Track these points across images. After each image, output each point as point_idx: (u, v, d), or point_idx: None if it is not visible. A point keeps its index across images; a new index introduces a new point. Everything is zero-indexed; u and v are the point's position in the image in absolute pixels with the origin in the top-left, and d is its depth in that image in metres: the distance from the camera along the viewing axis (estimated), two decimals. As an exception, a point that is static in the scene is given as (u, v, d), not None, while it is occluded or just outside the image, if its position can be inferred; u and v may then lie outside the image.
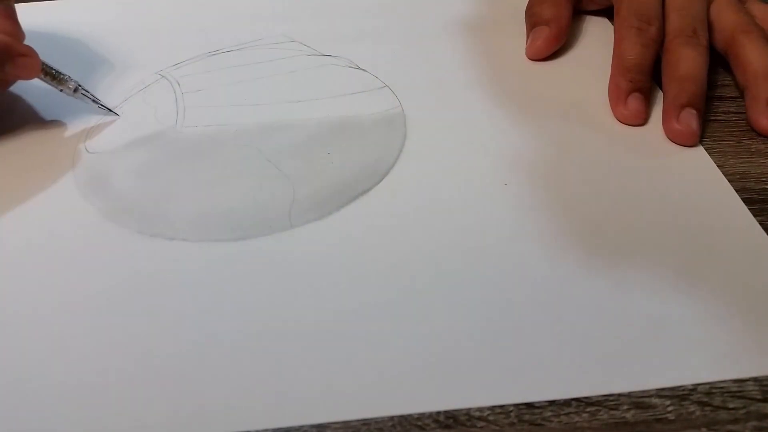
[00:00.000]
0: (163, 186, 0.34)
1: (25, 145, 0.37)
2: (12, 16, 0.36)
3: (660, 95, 0.39)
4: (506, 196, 0.33)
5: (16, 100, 0.40)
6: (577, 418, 0.25)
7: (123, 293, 0.29)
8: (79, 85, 0.38)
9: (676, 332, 0.28)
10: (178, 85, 0.41)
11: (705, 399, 0.25)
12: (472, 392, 0.26)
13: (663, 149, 0.36)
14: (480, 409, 0.25)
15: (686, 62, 0.38)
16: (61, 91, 0.37)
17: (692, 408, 0.25)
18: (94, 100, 0.38)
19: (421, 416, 0.25)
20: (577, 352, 0.27)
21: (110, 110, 0.38)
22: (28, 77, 0.36)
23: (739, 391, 0.26)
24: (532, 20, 0.43)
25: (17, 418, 0.25)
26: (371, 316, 0.28)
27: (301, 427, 0.25)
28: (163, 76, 0.41)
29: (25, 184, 0.34)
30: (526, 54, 0.43)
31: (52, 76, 0.37)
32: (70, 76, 0.37)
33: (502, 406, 0.25)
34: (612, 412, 0.25)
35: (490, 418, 0.25)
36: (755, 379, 0.26)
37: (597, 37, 0.45)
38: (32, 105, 0.39)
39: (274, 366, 0.27)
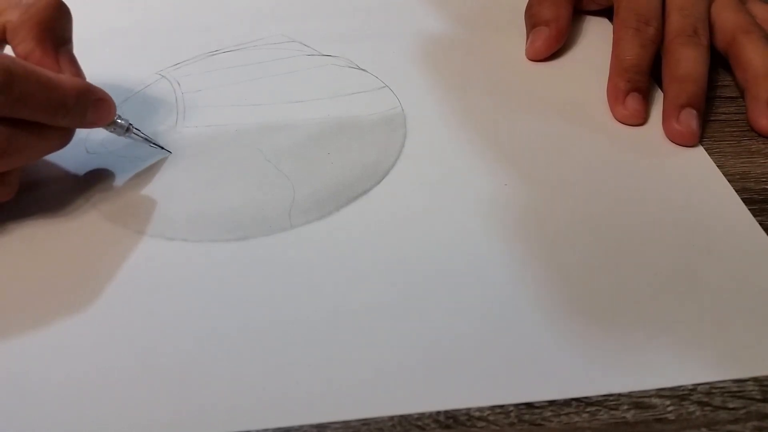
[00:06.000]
0: (163, 186, 0.34)
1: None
2: (76, 61, 0.33)
3: (660, 95, 0.39)
4: (506, 196, 0.33)
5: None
6: (577, 418, 0.25)
7: (123, 293, 0.29)
8: (131, 125, 0.35)
9: (676, 332, 0.28)
10: (178, 85, 0.41)
11: (705, 399, 0.25)
12: (472, 392, 0.26)
13: (663, 149, 0.36)
14: (480, 409, 0.25)
15: (687, 62, 0.38)
16: (112, 131, 0.35)
17: (692, 408, 0.25)
18: (145, 139, 0.36)
19: (421, 416, 0.25)
20: (577, 352, 0.27)
21: (162, 148, 0.36)
22: (104, 123, 0.33)
23: (739, 391, 0.26)
24: (532, 20, 0.43)
25: (17, 418, 0.25)
26: (371, 316, 0.28)
27: (301, 427, 0.25)
28: (163, 76, 0.41)
29: (26, 185, 0.34)
30: (526, 55, 0.43)
31: None
32: (120, 115, 0.34)
33: (502, 406, 0.25)
34: (612, 412, 0.25)
35: (490, 418, 0.25)
36: (755, 379, 0.26)
37: (597, 37, 0.45)
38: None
39: (274, 366, 0.27)
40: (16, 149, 0.29)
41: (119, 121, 0.34)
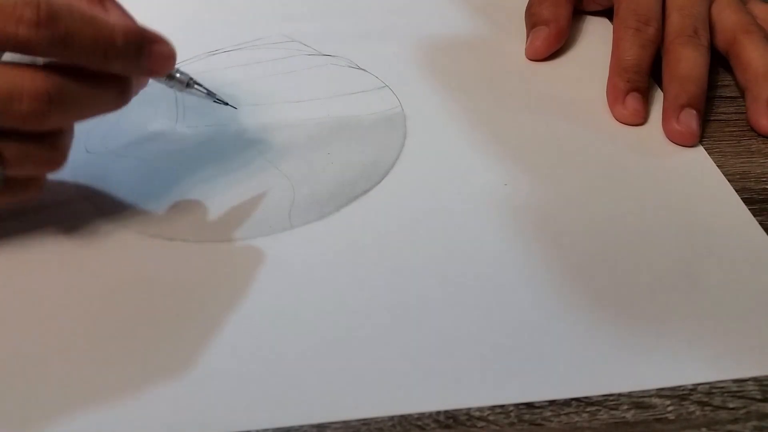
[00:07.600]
0: (163, 186, 0.34)
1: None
2: (123, 7, 0.30)
3: (660, 95, 0.39)
4: (506, 196, 0.33)
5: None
6: (577, 418, 0.25)
7: (123, 293, 0.29)
8: (191, 79, 0.32)
9: (676, 332, 0.28)
10: (178, 85, 0.41)
11: (705, 399, 0.25)
12: (472, 392, 0.26)
13: (663, 149, 0.36)
14: (480, 409, 0.25)
15: (687, 62, 0.38)
16: (171, 87, 0.32)
17: (692, 408, 0.25)
18: (208, 94, 0.33)
19: (421, 416, 0.25)
20: (577, 352, 0.27)
21: (227, 103, 0.34)
22: (163, 73, 0.30)
23: (739, 391, 0.26)
24: (532, 20, 0.43)
25: (17, 418, 0.25)
26: (371, 316, 0.28)
27: (301, 427, 0.25)
28: (163, 76, 0.41)
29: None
30: (526, 54, 0.43)
31: None
32: (179, 69, 0.31)
33: (502, 406, 0.25)
34: (612, 412, 0.25)
35: (490, 418, 0.25)
36: (755, 379, 0.26)
37: (597, 37, 0.45)
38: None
39: (274, 366, 0.27)
40: (70, 100, 0.27)
41: (178, 75, 0.32)
